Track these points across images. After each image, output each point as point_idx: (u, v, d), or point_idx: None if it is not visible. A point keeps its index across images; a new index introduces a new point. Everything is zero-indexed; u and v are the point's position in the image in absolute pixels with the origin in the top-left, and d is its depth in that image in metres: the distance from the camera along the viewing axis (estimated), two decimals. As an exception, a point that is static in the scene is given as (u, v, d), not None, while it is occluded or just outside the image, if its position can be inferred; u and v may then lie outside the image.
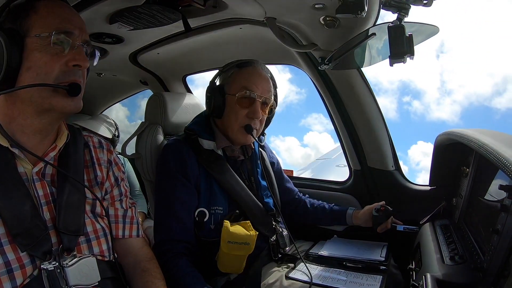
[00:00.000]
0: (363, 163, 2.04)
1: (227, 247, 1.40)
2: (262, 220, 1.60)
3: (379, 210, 1.70)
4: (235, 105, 1.54)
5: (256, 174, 1.70)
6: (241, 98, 1.54)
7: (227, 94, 1.57)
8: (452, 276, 1.10)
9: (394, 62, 1.23)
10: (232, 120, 1.56)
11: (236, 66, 1.60)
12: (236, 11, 1.50)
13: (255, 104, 1.54)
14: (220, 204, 1.53)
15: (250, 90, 1.53)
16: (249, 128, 1.55)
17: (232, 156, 1.64)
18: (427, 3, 1.07)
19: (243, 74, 1.57)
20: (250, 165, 1.71)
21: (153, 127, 1.78)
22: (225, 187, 1.55)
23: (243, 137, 1.58)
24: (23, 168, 0.99)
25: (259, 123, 1.60)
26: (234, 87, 1.56)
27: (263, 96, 1.56)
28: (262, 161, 1.76)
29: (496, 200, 1.14)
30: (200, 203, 1.51)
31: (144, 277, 1.16)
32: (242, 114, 1.54)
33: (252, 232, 1.43)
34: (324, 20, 1.35)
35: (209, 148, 1.58)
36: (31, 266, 0.93)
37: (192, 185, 1.50)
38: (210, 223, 1.50)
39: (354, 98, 1.85)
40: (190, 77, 2.62)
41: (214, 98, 1.56)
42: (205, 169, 1.54)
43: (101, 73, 2.56)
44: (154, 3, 1.38)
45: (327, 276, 1.49)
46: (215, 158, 1.57)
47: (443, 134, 1.56)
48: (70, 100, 0.99)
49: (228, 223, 1.43)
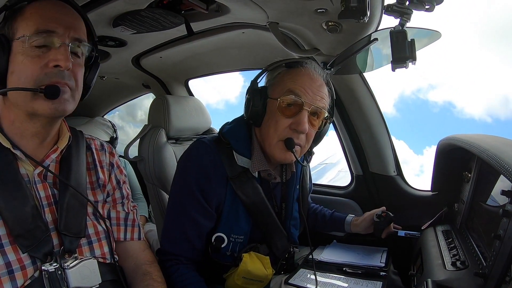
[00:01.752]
0: (365, 168, 2.04)
1: (242, 281, 1.33)
2: (282, 251, 1.48)
3: (380, 216, 1.69)
4: (277, 112, 1.30)
5: (291, 202, 1.50)
6: (285, 103, 1.30)
7: (270, 98, 1.34)
8: (453, 281, 1.09)
9: (396, 67, 1.23)
10: (271, 130, 1.31)
11: (284, 65, 1.38)
12: (238, 16, 1.50)
13: (302, 113, 1.28)
14: (242, 233, 1.36)
15: (296, 94, 1.29)
16: (290, 143, 1.29)
17: (267, 176, 1.42)
18: (429, 8, 1.07)
19: (291, 74, 1.34)
20: (285, 190, 1.48)
21: (156, 130, 1.78)
22: (251, 212, 1.36)
23: (281, 153, 1.32)
24: (24, 170, 1.00)
25: (305, 139, 1.35)
26: (278, 90, 1.32)
27: (312, 104, 1.30)
28: (301, 187, 1.54)
29: (498, 205, 1.13)
30: (220, 228, 1.35)
31: (144, 280, 1.16)
32: (284, 124, 1.29)
33: (269, 271, 1.36)
34: (326, 25, 1.35)
35: (243, 165, 1.36)
36: (32, 268, 0.93)
37: (212, 208, 1.33)
38: (227, 250, 1.36)
39: (356, 103, 1.85)
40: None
41: (253, 102, 1.33)
42: (232, 189, 1.33)
43: (103, 76, 2.57)
44: (157, 7, 1.39)
45: (327, 282, 1.48)
46: (247, 178, 1.35)
47: (445, 140, 1.56)
48: (50, 103, 0.94)
49: (248, 261, 1.32)
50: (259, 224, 1.39)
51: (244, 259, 1.31)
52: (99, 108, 3.33)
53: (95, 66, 1.10)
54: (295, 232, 1.54)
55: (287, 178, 1.46)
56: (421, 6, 1.07)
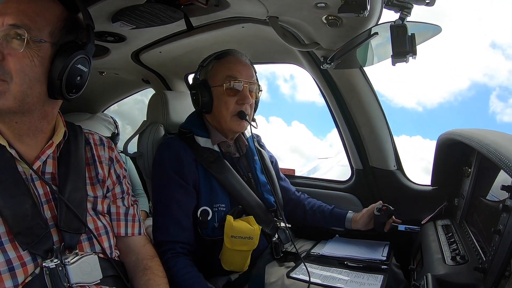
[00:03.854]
0: (365, 162, 2.03)
1: (231, 242, 1.40)
2: (264, 217, 1.59)
3: (380, 209, 1.69)
4: (223, 96, 1.55)
5: (254, 170, 1.70)
6: (228, 87, 1.54)
7: (212, 86, 1.57)
8: (453, 276, 1.10)
9: (396, 61, 1.22)
10: (223, 111, 1.56)
11: (214, 58, 1.61)
12: (238, 10, 1.50)
13: (243, 89, 1.55)
14: (222, 201, 1.52)
15: (234, 77, 1.54)
16: (242, 114, 1.55)
17: (228, 152, 1.63)
18: (429, 2, 1.06)
19: (224, 64, 1.58)
20: (246, 161, 1.70)
21: (154, 125, 1.78)
22: (225, 185, 1.54)
23: (237, 124, 1.58)
24: (22, 168, 1.00)
25: (250, 108, 1.60)
26: (218, 78, 1.56)
27: (248, 81, 1.57)
28: (261, 158, 1.75)
29: (498, 200, 1.14)
30: (202, 202, 1.50)
31: (146, 275, 1.16)
32: (232, 102, 1.54)
33: (256, 226, 1.44)
34: (326, 19, 1.35)
35: (205, 146, 1.58)
36: (32, 264, 0.93)
37: (190, 185, 1.49)
38: (214, 221, 1.49)
39: (356, 97, 1.85)
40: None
41: (201, 94, 1.57)
42: (203, 167, 1.53)
43: (103, 72, 2.56)
44: (156, 2, 1.38)
45: (328, 275, 1.49)
46: (215, 158, 1.56)
47: (445, 134, 1.56)
48: None
49: (231, 218, 1.43)
50: (235, 195, 1.55)
51: (228, 218, 1.43)
52: (100, 103, 3.32)
53: (61, 55, 0.97)
54: (270, 198, 1.68)
55: (243, 151, 1.70)
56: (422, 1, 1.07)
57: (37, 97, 0.97)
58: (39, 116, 1.02)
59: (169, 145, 1.57)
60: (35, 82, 0.94)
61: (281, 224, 1.66)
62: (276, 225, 1.64)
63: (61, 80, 0.96)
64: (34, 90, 0.95)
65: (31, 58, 0.92)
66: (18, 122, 0.99)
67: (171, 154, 1.52)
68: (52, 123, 1.08)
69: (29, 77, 0.93)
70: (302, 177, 2.40)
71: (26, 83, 0.93)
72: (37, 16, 0.94)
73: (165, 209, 1.47)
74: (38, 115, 1.01)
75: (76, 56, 0.98)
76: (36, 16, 0.94)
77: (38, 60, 0.94)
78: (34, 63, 0.93)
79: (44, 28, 0.95)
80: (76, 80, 1.00)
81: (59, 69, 0.96)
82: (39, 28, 0.94)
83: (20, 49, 0.90)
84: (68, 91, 1.00)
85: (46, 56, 0.95)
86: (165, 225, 1.46)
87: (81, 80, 1.02)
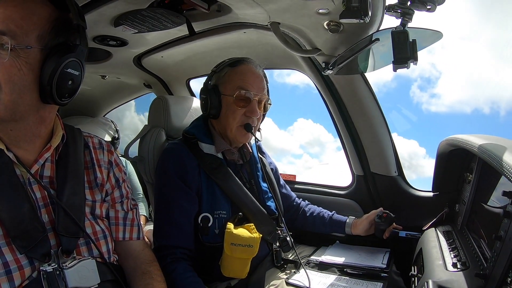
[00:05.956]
0: (366, 168, 2.03)
1: (231, 249, 1.39)
2: (265, 224, 1.58)
3: (381, 216, 1.69)
4: (232, 105, 1.53)
5: (257, 178, 1.69)
6: (238, 98, 1.52)
7: (223, 94, 1.55)
8: (454, 282, 1.09)
9: (398, 67, 1.22)
10: (230, 119, 1.54)
11: (228, 65, 1.58)
12: (240, 16, 1.50)
13: (252, 103, 1.53)
14: (223, 208, 1.50)
15: (246, 89, 1.52)
16: (248, 127, 1.54)
17: (232, 159, 1.62)
18: (430, 9, 1.07)
19: (237, 73, 1.55)
20: (249, 169, 1.69)
21: (156, 130, 1.78)
22: (227, 192, 1.53)
23: (242, 136, 1.57)
24: (20, 171, 0.99)
25: (257, 121, 1.59)
26: (230, 87, 1.54)
27: (258, 94, 1.55)
28: (262, 166, 1.74)
29: (499, 206, 1.13)
30: (203, 208, 1.49)
31: (144, 279, 1.15)
32: (240, 113, 1.53)
33: (256, 235, 1.43)
34: (328, 25, 1.36)
35: (209, 153, 1.56)
36: (29, 268, 0.92)
37: (192, 191, 1.48)
38: (214, 228, 1.48)
39: (357, 103, 1.85)
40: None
41: (210, 99, 1.55)
42: (206, 174, 1.52)
43: (105, 76, 2.57)
44: (159, 7, 1.39)
45: (328, 282, 1.48)
46: (218, 165, 1.54)
47: (446, 140, 1.55)
48: None
49: (231, 225, 1.43)
50: (236, 202, 1.54)
51: (228, 226, 1.43)
52: (101, 107, 3.32)
53: (50, 60, 0.93)
54: (271, 205, 1.68)
55: (247, 159, 1.69)
56: (423, 7, 1.07)
57: (28, 105, 0.94)
58: (35, 122, 1.00)
59: (173, 150, 1.56)
60: (25, 90, 0.91)
61: (282, 232, 1.65)
62: (278, 233, 1.63)
63: (51, 85, 0.93)
64: (25, 98, 0.92)
65: (19, 66, 0.89)
66: (13, 130, 0.97)
67: (175, 159, 1.51)
68: (50, 127, 1.07)
69: (19, 86, 0.90)
70: (303, 182, 2.39)
71: (16, 92, 0.90)
72: (23, 20, 0.90)
73: (167, 214, 1.46)
74: (34, 121, 1.00)
75: (65, 60, 0.94)
76: (22, 21, 0.90)
77: (26, 68, 0.90)
78: (22, 72, 0.90)
79: (31, 33, 0.91)
80: (67, 85, 0.97)
81: (48, 75, 0.92)
82: (25, 33, 0.90)
83: (5, 59, 0.87)
84: (60, 96, 0.96)
85: (35, 62, 0.92)
86: (166, 230, 1.45)
87: (73, 85, 0.99)
